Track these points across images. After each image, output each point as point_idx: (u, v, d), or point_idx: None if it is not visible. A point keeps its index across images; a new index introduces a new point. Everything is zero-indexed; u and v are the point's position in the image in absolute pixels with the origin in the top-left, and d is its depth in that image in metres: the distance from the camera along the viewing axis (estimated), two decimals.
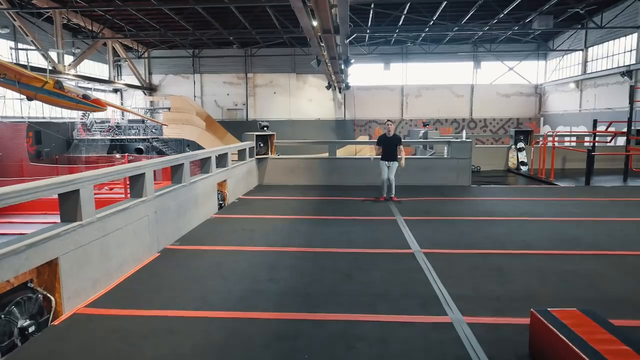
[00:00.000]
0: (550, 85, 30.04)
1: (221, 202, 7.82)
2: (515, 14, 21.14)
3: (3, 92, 20.18)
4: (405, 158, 8.60)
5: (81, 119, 26.94)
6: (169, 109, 29.03)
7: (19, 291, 3.20)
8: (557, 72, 29.07)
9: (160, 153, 26.70)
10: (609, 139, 14.41)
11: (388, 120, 8.82)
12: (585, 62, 25.58)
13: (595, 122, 13.43)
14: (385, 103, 31.19)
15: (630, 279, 4.32)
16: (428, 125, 25.23)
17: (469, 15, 21.28)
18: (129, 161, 17.65)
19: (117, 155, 24.52)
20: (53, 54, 21.75)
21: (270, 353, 3.01)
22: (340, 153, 21.52)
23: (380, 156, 8.50)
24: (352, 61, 20.31)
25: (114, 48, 28.57)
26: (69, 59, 23.71)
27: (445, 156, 10.76)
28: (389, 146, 8.41)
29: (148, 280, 4.33)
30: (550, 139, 13.12)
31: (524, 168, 13.13)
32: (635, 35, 20.75)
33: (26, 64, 17.77)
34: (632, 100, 11.59)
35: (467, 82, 31.44)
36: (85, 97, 18.27)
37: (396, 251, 5.22)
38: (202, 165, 7.23)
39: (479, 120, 31.61)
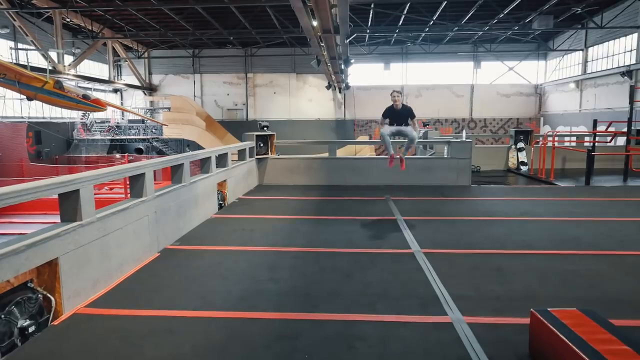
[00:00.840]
0: (550, 85, 30.04)
1: (221, 202, 7.82)
2: (515, 14, 21.15)
3: (3, 92, 20.19)
4: (406, 158, 7.80)
5: (81, 119, 26.96)
6: (169, 109, 29.04)
7: (19, 291, 3.20)
8: (557, 72, 29.08)
9: (160, 153, 26.72)
10: (609, 139, 14.41)
11: (394, 90, 7.13)
12: (585, 62, 25.59)
13: (595, 122, 13.44)
14: (385, 103, 30.79)
15: (630, 279, 4.32)
16: (428, 125, 25.24)
17: (469, 15, 21.29)
18: (129, 161, 17.66)
19: (117, 155, 24.53)
20: (53, 54, 21.75)
21: (270, 353, 3.01)
22: (340, 153, 21.52)
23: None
24: (352, 61, 20.33)
25: (114, 48, 28.59)
26: (69, 59, 23.72)
27: (445, 156, 10.75)
28: (398, 120, 6.93)
29: (148, 280, 4.33)
30: (550, 139, 13.12)
31: (524, 168, 13.13)
32: (635, 35, 20.76)
33: (26, 64, 17.77)
34: (632, 100, 11.59)
35: (467, 82, 31.46)
36: (85, 97, 18.28)
37: (396, 251, 5.22)
38: (202, 165, 7.23)
39: (479, 120, 31.62)
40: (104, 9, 21.22)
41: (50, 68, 19.52)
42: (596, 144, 13.37)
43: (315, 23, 13.25)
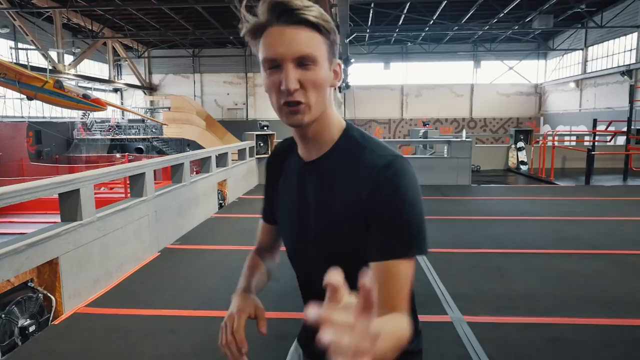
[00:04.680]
0: (550, 84, 30.03)
1: (221, 201, 7.82)
2: (515, 13, 21.14)
3: (3, 92, 20.18)
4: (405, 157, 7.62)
5: (81, 118, 26.94)
6: (169, 108, 29.02)
7: (20, 291, 3.21)
8: (557, 72, 29.06)
9: (161, 152, 26.71)
10: (608, 138, 14.42)
11: None
12: (585, 61, 25.57)
13: (595, 122, 13.44)
14: (385, 103, 31.18)
15: (630, 279, 4.32)
16: (428, 124, 25.22)
17: (469, 14, 21.28)
18: (129, 161, 17.66)
19: (117, 155, 24.52)
20: (53, 54, 21.74)
21: (270, 353, 3.02)
22: None
23: None
24: (352, 61, 20.30)
25: (114, 48, 28.57)
26: (69, 59, 23.70)
27: (445, 156, 10.76)
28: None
29: (148, 280, 4.34)
30: (550, 138, 13.12)
31: (523, 167, 13.13)
32: (635, 34, 20.75)
33: (26, 63, 17.77)
34: (631, 100, 11.61)
35: (467, 82, 31.43)
36: (85, 96, 18.28)
37: None
38: (202, 165, 7.23)
39: (479, 120, 31.59)
40: (104, 9, 21.21)
41: (50, 68, 19.51)
42: (596, 143, 13.38)
43: None
